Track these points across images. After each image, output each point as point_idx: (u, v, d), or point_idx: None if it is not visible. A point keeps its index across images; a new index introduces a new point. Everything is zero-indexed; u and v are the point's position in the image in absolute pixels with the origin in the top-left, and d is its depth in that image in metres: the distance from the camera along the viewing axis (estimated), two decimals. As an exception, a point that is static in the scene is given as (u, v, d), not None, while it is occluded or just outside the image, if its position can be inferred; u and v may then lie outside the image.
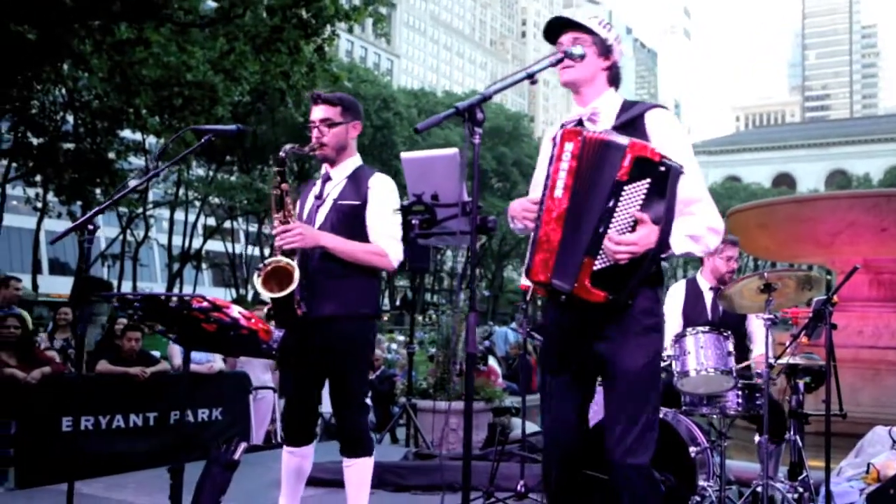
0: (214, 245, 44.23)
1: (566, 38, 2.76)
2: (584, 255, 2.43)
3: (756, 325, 4.58)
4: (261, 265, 3.32)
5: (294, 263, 3.26)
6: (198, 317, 2.47)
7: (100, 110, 22.09)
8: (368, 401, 9.71)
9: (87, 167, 23.14)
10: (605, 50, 2.77)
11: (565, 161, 2.47)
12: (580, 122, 2.71)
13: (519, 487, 4.62)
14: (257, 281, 3.30)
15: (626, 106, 2.77)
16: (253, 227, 43.86)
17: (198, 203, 37.51)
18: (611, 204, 2.40)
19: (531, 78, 2.51)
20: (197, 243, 38.86)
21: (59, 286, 41.76)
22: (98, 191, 24.11)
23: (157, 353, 7.11)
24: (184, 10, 15.98)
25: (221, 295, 46.07)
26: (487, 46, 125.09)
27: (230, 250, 41.50)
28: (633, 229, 2.41)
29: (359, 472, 3.48)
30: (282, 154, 3.39)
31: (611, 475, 2.60)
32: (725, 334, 3.90)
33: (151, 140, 27.95)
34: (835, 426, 4.05)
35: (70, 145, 23.94)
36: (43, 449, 5.62)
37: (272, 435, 7.61)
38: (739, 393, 4.05)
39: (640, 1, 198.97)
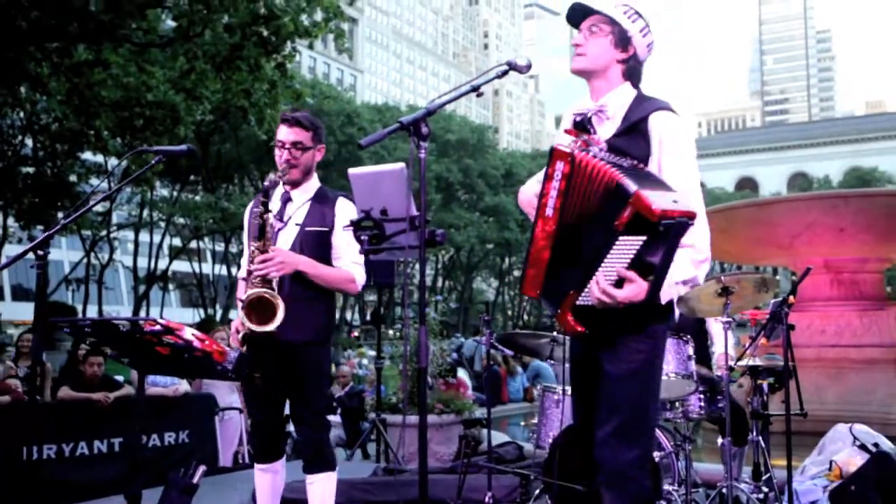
0: (181, 265, 43.81)
1: (585, 25, 2.66)
2: (571, 286, 2.41)
3: (716, 328, 4.63)
4: (243, 297, 3.30)
5: (278, 297, 3.26)
6: (150, 340, 2.44)
7: (59, 133, 21.82)
8: (338, 417, 9.67)
9: (47, 191, 22.85)
10: (623, 40, 2.63)
11: (556, 181, 2.41)
12: (587, 119, 2.61)
13: (487, 499, 4.61)
14: (242, 315, 3.30)
15: (638, 102, 2.63)
16: (220, 247, 43.48)
17: (162, 224, 37.14)
18: (604, 248, 2.33)
19: (476, 91, 2.52)
20: (163, 264, 38.44)
21: (21, 312, 41.14)
22: (59, 214, 23.81)
23: (120, 378, 7.01)
24: (142, 31, 15.86)
25: (190, 315, 45.65)
26: (450, 59, 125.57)
27: (197, 270, 41.12)
28: (621, 284, 2.33)
29: (322, 487, 3.48)
30: (266, 184, 3.39)
31: (600, 477, 2.59)
32: (685, 338, 3.94)
33: (113, 162, 27.67)
34: (800, 425, 4.10)
35: (29, 169, 23.61)
36: (4, 479, 5.50)
37: (240, 456, 7.53)
38: (701, 396, 4.09)
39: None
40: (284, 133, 3.52)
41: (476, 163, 51.47)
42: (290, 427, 3.88)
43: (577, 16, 2.69)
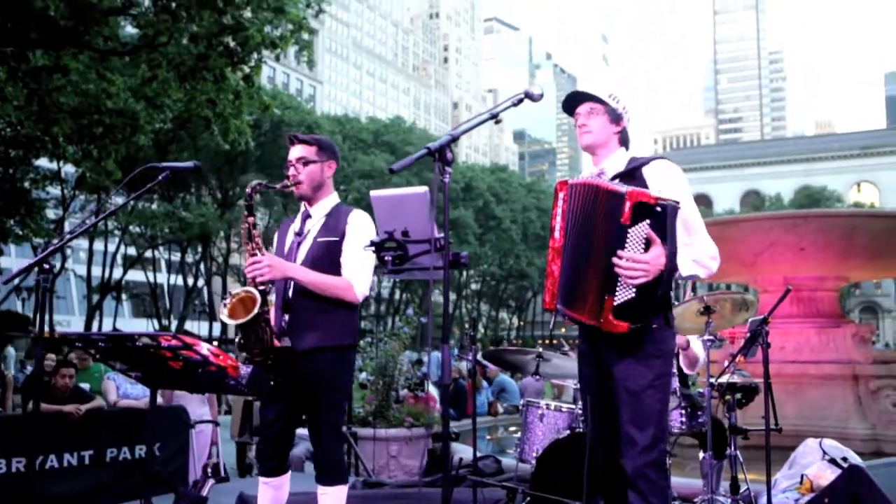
0: (135, 275, 43.12)
1: (583, 109, 3.18)
2: (604, 293, 2.75)
3: (695, 345, 4.75)
4: (227, 298, 3.35)
5: (256, 292, 3.30)
6: (165, 355, 2.46)
7: (13, 139, 21.40)
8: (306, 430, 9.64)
9: (0, 197, 22.39)
10: (615, 117, 3.17)
11: (559, 207, 2.96)
12: None
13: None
14: (224, 313, 3.32)
15: (632, 161, 3.14)
16: (175, 256, 42.94)
17: (118, 232, 36.54)
18: (617, 243, 2.73)
19: (495, 118, 2.65)
20: (117, 273, 37.81)
21: (-31, 322, 40.07)
22: (12, 221, 23.33)
23: (86, 386, 6.93)
24: (104, 38, 15.66)
25: (143, 326, 44.90)
26: (410, 72, 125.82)
27: (151, 280, 40.53)
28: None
29: (334, 499, 3.50)
30: (248, 190, 3.47)
31: (625, 482, 2.86)
32: (668, 355, 4.03)
33: (68, 169, 27.21)
34: (761, 439, 4.22)
35: (-19, 175, 23.13)
36: (-27, 493, 5.41)
37: (210, 468, 7.47)
38: (682, 412, 4.20)
39: (559, 28, 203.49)
40: (290, 153, 3.64)
41: (434, 178, 51.46)
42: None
43: (574, 102, 3.22)
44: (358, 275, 3.54)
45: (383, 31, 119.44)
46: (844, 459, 4.62)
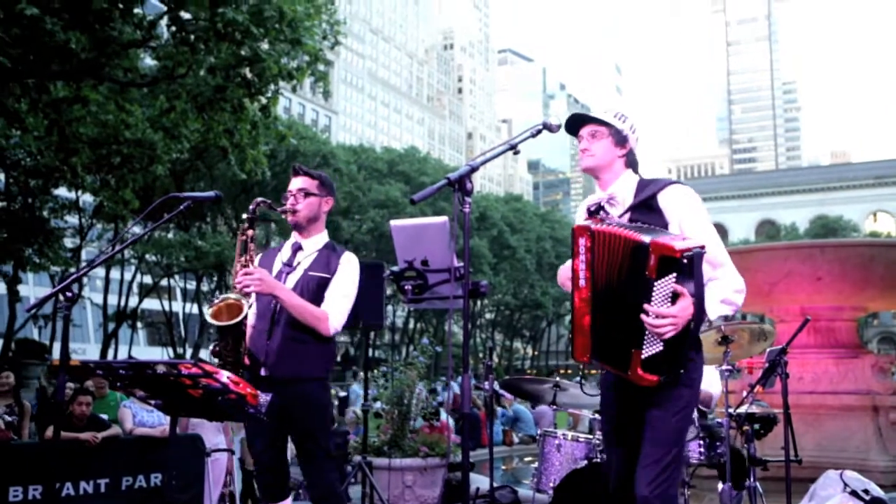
0: (150, 304, 43.33)
1: (585, 131, 3.08)
2: (632, 347, 2.70)
3: (713, 376, 4.72)
4: (215, 300, 3.46)
5: (244, 299, 3.40)
6: (185, 383, 2.48)
7: (33, 168, 21.67)
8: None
9: (19, 226, 22.61)
10: (620, 139, 3.06)
11: (582, 255, 2.82)
12: (600, 206, 2.99)
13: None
14: (208, 312, 3.44)
15: (642, 185, 3.03)
16: (191, 285, 43.12)
17: (134, 261, 36.77)
18: (643, 297, 2.67)
19: (514, 149, 2.66)
20: (132, 302, 37.99)
21: (-14, 349, 40.30)
22: (30, 250, 23.54)
23: (103, 415, 6.95)
24: (123, 69, 15.89)
25: (158, 354, 45.02)
26: (424, 102, 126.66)
27: (167, 308, 40.69)
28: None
29: None
30: (252, 206, 3.60)
31: None
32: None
33: (87, 198, 27.48)
34: (779, 471, 4.19)
35: (1, 204, 23.37)
36: (-10, 521, 5.43)
37: (226, 497, 7.45)
38: (701, 442, 4.17)
39: (573, 58, 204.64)
40: (292, 183, 3.77)
41: (450, 205, 51.56)
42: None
43: (576, 125, 3.12)
44: (336, 310, 3.65)
45: (398, 62, 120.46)
46: (866, 492, 4.56)
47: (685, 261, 2.62)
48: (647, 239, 2.66)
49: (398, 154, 55.58)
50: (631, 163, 3.08)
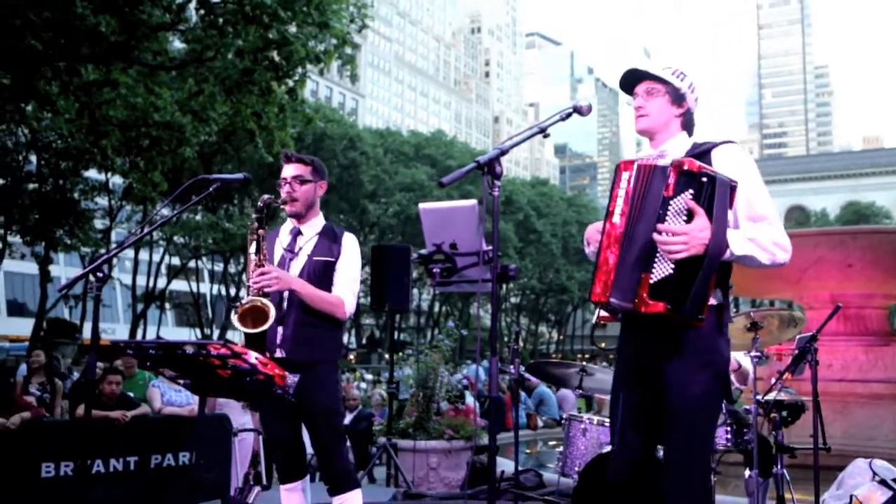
0: (178, 285, 43.73)
1: (640, 89, 2.90)
2: (641, 271, 2.51)
3: (744, 362, 4.68)
4: (238, 303, 3.47)
5: (269, 304, 3.42)
6: (214, 363, 2.50)
7: (64, 150, 21.92)
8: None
9: (51, 208, 22.92)
10: (677, 98, 2.89)
11: (622, 189, 2.62)
12: None
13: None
14: (234, 317, 3.45)
15: (696, 146, 2.86)
16: (218, 267, 43.47)
17: (162, 243, 37.12)
18: (660, 219, 2.50)
19: (543, 132, 2.62)
20: (161, 283, 38.40)
21: (18, 327, 40.96)
22: (61, 231, 23.86)
23: (130, 393, 7.05)
24: (152, 52, 16.00)
25: (186, 335, 45.49)
26: (451, 86, 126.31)
27: (194, 290, 41.05)
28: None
29: None
30: (260, 203, 3.60)
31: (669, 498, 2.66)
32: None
33: (116, 180, 27.76)
34: (807, 458, 4.15)
35: (34, 185, 23.67)
36: (23, 496, 5.53)
37: (251, 477, 7.54)
38: (728, 429, 4.15)
39: (601, 42, 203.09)
40: (286, 170, 3.76)
41: (477, 189, 51.68)
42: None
43: (631, 81, 2.92)
44: (349, 295, 3.71)
45: (425, 45, 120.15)
46: (895, 481, 4.51)
47: (704, 178, 2.48)
48: (667, 160, 2.58)
49: (425, 137, 55.51)
50: (687, 124, 2.92)
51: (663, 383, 2.67)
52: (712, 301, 2.66)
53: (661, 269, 2.50)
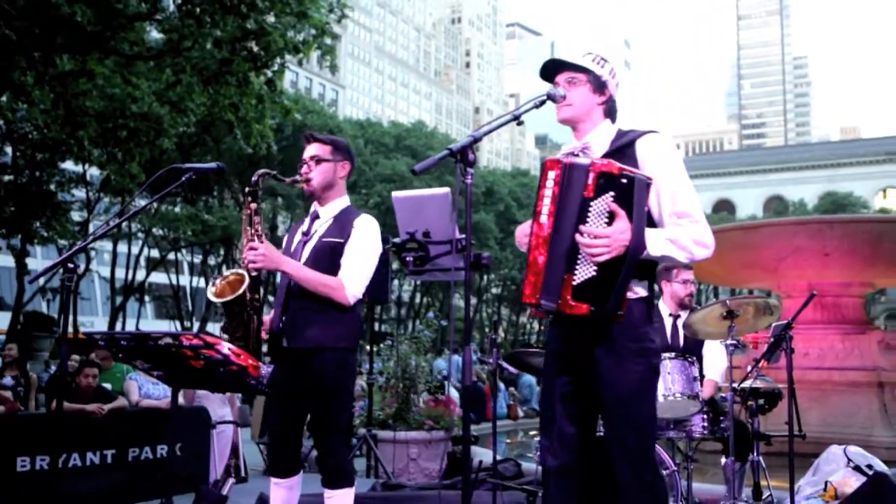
0: (157, 277, 43.46)
1: (561, 78, 2.86)
2: (565, 272, 2.52)
3: (708, 351, 4.68)
4: (218, 279, 3.42)
5: (245, 273, 3.35)
6: (186, 354, 2.48)
7: (40, 142, 21.68)
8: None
9: (27, 200, 22.67)
10: (599, 86, 2.85)
11: (548, 188, 2.60)
12: (574, 155, 2.78)
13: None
14: (211, 292, 3.39)
15: (620, 135, 2.84)
16: (198, 259, 43.24)
17: (141, 235, 36.86)
18: (582, 220, 2.50)
19: (517, 119, 2.60)
20: (140, 276, 38.14)
21: (-6, 321, 40.57)
22: (38, 223, 23.61)
23: (108, 386, 6.99)
24: (129, 43, 15.81)
25: (165, 327, 45.23)
26: (432, 77, 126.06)
27: (174, 282, 40.82)
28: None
29: (341, 502, 3.50)
30: (254, 178, 3.48)
31: (617, 492, 2.69)
32: (690, 360, 4.01)
33: (93, 172, 27.50)
34: (783, 446, 4.18)
35: (9, 177, 23.40)
36: (-2, 491, 5.47)
37: (231, 469, 7.50)
38: (705, 416, 4.17)
39: (581, 33, 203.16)
40: (305, 151, 3.65)
41: (457, 180, 51.57)
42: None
43: (551, 71, 2.89)
44: (352, 277, 3.50)
45: (405, 35, 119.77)
46: (869, 467, 4.57)
47: (624, 180, 2.48)
48: (587, 160, 2.55)
49: (405, 128, 55.35)
50: (610, 111, 2.90)
51: (598, 375, 2.68)
52: (641, 293, 2.72)
53: (584, 272, 2.52)
